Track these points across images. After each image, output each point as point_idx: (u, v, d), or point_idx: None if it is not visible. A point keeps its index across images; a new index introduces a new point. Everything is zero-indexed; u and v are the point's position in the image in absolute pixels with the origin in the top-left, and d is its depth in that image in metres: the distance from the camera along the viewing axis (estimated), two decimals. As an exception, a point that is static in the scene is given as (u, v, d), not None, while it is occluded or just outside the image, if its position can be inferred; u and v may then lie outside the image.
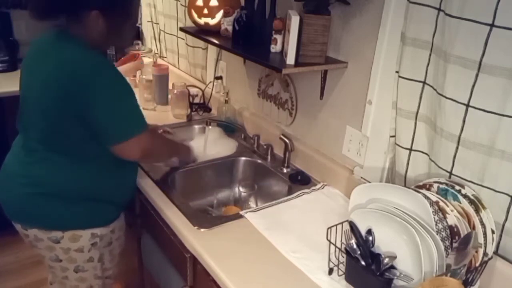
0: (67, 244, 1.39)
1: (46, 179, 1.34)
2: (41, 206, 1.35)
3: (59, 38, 1.30)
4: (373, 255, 1.09)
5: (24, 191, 1.35)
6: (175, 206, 1.44)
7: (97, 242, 1.44)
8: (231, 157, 1.84)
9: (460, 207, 1.09)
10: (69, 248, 1.40)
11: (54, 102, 1.24)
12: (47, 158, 1.33)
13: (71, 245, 1.40)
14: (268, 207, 1.47)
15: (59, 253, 1.41)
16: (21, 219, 1.41)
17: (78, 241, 1.40)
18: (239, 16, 1.59)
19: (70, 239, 1.39)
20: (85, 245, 1.42)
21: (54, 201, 1.34)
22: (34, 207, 1.35)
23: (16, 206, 1.39)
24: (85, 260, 1.45)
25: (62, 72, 1.23)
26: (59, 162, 1.33)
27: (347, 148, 1.54)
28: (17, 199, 1.37)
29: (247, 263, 1.21)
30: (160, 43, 2.74)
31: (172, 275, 1.50)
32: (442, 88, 1.14)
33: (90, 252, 1.44)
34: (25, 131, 1.38)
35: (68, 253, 1.41)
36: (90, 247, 1.43)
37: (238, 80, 2.06)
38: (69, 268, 1.45)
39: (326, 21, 1.38)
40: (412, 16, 1.19)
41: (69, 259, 1.43)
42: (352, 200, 1.20)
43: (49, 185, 1.34)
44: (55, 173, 1.33)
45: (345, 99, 1.52)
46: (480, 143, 1.10)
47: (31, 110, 1.33)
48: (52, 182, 1.34)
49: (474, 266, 1.04)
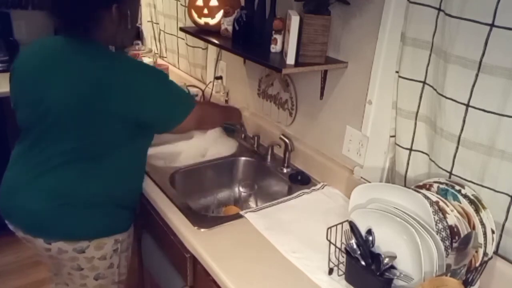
0: (92, 253, 1.36)
1: (71, 188, 1.29)
2: (67, 217, 1.30)
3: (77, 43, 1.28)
4: (373, 255, 1.09)
5: (48, 204, 1.29)
6: (175, 206, 1.44)
7: (118, 248, 1.42)
8: (231, 157, 1.84)
9: (460, 207, 1.09)
10: (93, 256, 1.37)
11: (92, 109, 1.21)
12: (69, 167, 1.28)
13: (95, 254, 1.37)
14: (268, 207, 1.47)
15: (82, 262, 1.37)
16: (44, 233, 1.32)
17: (103, 249, 1.38)
18: (239, 16, 1.59)
19: (95, 248, 1.36)
20: (108, 252, 1.40)
21: (79, 210, 1.30)
22: (60, 218, 1.30)
23: (38, 220, 1.31)
24: (106, 267, 1.43)
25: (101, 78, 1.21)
26: (83, 169, 1.28)
27: (347, 148, 1.54)
28: (40, 213, 1.30)
29: (247, 263, 1.21)
30: (160, 43, 2.74)
31: (172, 275, 1.50)
32: (442, 88, 1.14)
33: (111, 259, 1.42)
34: (40, 141, 1.30)
35: (91, 262, 1.38)
36: (112, 253, 1.41)
37: (238, 80, 2.06)
38: (89, 276, 1.42)
39: (326, 21, 1.38)
40: (412, 16, 1.19)
41: (91, 268, 1.39)
42: (352, 200, 1.20)
43: (74, 195, 1.29)
44: (79, 181, 1.29)
45: (345, 99, 1.52)
46: (480, 143, 1.10)
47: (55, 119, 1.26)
48: (77, 191, 1.29)
49: (474, 266, 1.04)
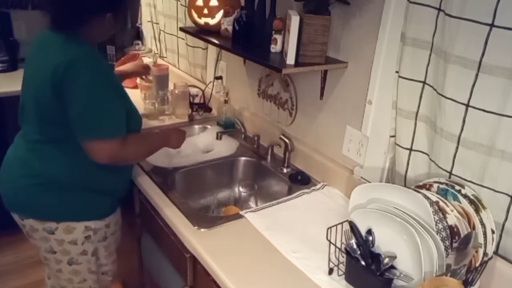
0: (61, 235, 1.42)
1: (42, 169, 1.37)
2: (37, 196, 1.38)
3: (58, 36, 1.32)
4: (373, 255, 1.09)
5: (21, 182, 1.39)
6: (175, 206, 1.44)
7: (90, 236, 1.45)
8: (231, 157, 1.84)
9: (460, 207, 1.09)
10: (63, 239, 1.43)
11: (45, 94, 1.29)
12: (43, 149, 1.36)
13: (65, 237, 1.43)
14: (268, 207, 1.47)
15: (54, 245, 1.44)
16: (18, 209, 1.44)
17: (72, 233, 1.42)
18: (239, 16, 1.59)
19: (64, 231, 1.41)
20: (79, 237, 1.44)
21: (49, 191, 1.37)
22: (30, 197, 1.39)
23: (13, 196, 1.43)
24: (79, 253, 1.47)
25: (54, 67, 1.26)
26: (54, 152, 1.36)
27: (347, 148, 1.54)
28: (15, 190, 1.41)
29: (247, 263, 1.21)
30: (160, 43, 2.74)
31: (172, 275, 1.50)
32: (442, 88, 1.14)
33: (83, 245, 1.46)
34: (24, 124, 1.42)
35: (62, 245, 1.44)
36: (84, 240, 1.45)
37: (238, 80, 2.06)
38: (63, 261, 1.48)
39: (326, 21, 1.38)
40: (412, 16, 1.19)
41: (63, 251, 1.46)
42: (352, 200, 1.20)
43: (45, 175, 1.37)
44: (50, 163, 1.36)
45: (345, 99, 1.52)
46: (480, 143, 1.10)
47: (28, 103, 1.37)
48: (48, 172, 1.37)
49: (474, 266, 1.03)
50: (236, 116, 2.05)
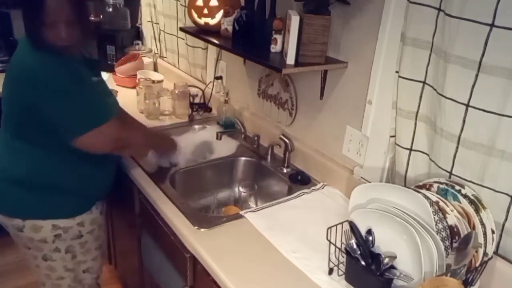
0: (30, 233, 1.43)
1: (9, 166, 1.39)
2: (3, 193, 1.40)
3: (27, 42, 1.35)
4: (373, 255, 1.09)
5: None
6: (175, 206, 1.44)
7: (61, 234, 1.45)
8: (231, 157, 1.84)
9: (460, 207, 1.09)
10: (32, 238, 1.44)
11: (11, 96, 1.34)
12: (12, 146, 1.39)
13: (33, 235, 1.43)
14: (268, 207, 1.47)
15: (26, 241, 1.46)
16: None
17: (40, 232, 1.43)
18: (239, 16, 1.59)
19: (31, 229, 1.42)
20: (48, 236, 1.44)
21: (15, 188, 1.38)
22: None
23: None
24: (51, 250, 1.47)
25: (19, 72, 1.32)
26: (22, 149, 1.37)
27: (347, 148, 1.54)
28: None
29: (247, 263, 1.21)
30: (160, 43, 2.74)
31: (172, 275, 1.50)
32: (442, 88, 1.14)
33: (55, 243, 1.46)
34: (1, 120, 1.45)
35: (33, 242, 1.45)
36: (54, 238, 1.45)
37: (238, 80, 2.06)
38: (38, 256, 1.49)
39: (326, 21, 1.38)
40: (412, 16, 1.19)
41: (36, 248, 1.47)
42: (352, 200, 1.20)
43: (11, 172, 1.38)
44: (17, 160, 1.38)
45: (345, 99, 1.52)
46: (480, 143, 1.10)
47: (4, 101, 1.40)
48: (14, 169, 1.38)
49: (474, 266, 1.04)
50: (236, 116, 2.05)
